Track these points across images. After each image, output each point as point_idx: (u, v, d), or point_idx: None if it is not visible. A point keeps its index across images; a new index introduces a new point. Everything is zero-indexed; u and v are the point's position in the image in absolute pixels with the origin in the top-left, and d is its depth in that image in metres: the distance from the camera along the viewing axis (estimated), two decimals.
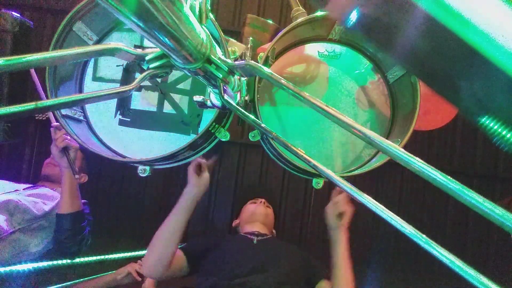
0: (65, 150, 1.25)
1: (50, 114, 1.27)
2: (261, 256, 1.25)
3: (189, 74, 0.54)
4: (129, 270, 1.46)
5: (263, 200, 1.57)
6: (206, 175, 1.08)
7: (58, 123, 1.26)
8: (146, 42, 0.94)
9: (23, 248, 1.28)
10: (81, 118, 0.91)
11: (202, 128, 0.91)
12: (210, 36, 0.52)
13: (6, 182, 1.45)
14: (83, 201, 1.39)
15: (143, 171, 0.86)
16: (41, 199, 1.38)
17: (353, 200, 1.09)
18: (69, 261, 1.47)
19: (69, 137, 1.27)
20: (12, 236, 1.24)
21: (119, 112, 0.94)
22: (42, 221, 1.35)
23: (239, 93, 0.76)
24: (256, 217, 1.46)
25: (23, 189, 1.41)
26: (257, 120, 0.68)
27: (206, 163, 1.07)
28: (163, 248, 1.07)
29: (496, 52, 0.24)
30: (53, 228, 1.36)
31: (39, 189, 1.45)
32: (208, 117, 0.93)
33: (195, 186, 1.06)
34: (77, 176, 1.27)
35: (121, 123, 0.94)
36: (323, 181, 0.91)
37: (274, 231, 1.59)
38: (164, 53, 0.49)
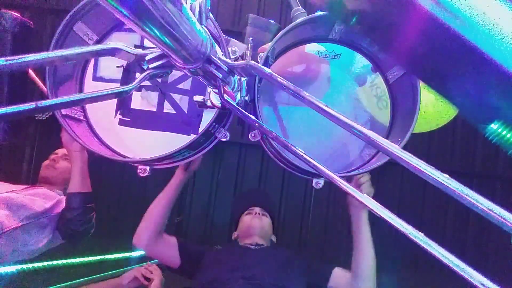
0: None
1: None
2: (256, 264, 1.28)
3: (189, 74, 0.54)
4: (135, 274, 1.45)
5: (258, 210, 1.56)
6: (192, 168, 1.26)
7: None
8: (146, 42, 0.94)
9: (22, 245, 1.28)
10: (81, 118, 0.91)
11: (202, 128, 0.91)
12: (210, 36, 0.52)
13: (2, 184, 1.45)
14: None
15: (143, 171, 0.86)
16: (40, 197, 1.38)
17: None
18: (69, 261, 1.47)
19: None
20: (13, 232, 1.24)
21: (119, 112, 0.94)
22: (43, 218, 1.35)
23: (239, 93, 0.76)
24: (252, 231, 1.48)
25: (21, 189, 1.42)
26: (257, 120, 0.68)
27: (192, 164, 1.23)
28: (151, 219, 1.27)
29: (496, 51, 0.24)
30: (53, 226, 1.36)
31: (37, 189, 1.45)
32: (208, 117, 0.93)
33: (182, 173, 1.27)
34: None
35: (121, 123, 0.94)
36: (323, 181, 0.91)
37: (273, 237, 1.59)
38: (164, 53, 0.49)
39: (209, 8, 0.53)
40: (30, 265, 1.41)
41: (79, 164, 1.33)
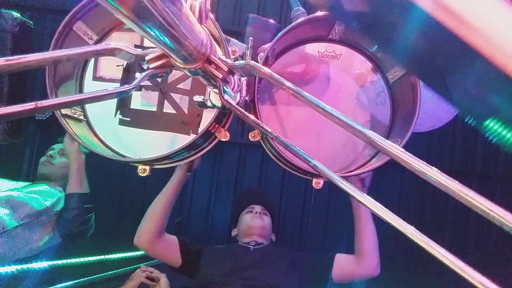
0: None
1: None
2: (255, 263, 1.28)
3: (189, 74, 0.54)
4: (141, 280, 1.45)
5: (258, 209, 1.56)
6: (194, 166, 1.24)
7: None
8: (146, 42, 0.94)
9: (23, 244, 1.29)
10: (81, 117, 0.91)
11: (202, 128, 0.91)
12: (210, 36, 0.52)
13: (3, 181, 1.46)
14: None
15: (143, 171, 0.87)
16: (41, 196, 1.39)
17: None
18: (69, 261, 1.47)
19: None
20: (14, 231, 1.25)
21: (119, 112, 0.94)
22: (43, 216, 1.36)
23: (239, 93, 0.76)
24: (252, 231, 1.48)
25: (22, 186, 1.42)
26: (257, 120, 0.68)
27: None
28: (151, 220, 1.26)
29: (495, 51, 0.24)
30: (53, 224, 1.38)
31: (38, 186, 1.45)
32: (208, 117, 0.93)
33: (181, 173, 1.24)
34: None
35: (121, 123, 0.94)
36: (323, 181, 0.91)
37: (273, 236, 1.59)
38: (164, 53, 0.49)
39: (209, 8, 0.53)
40: (30, 265, 1.41)
41: (75, 165, 1.38)
